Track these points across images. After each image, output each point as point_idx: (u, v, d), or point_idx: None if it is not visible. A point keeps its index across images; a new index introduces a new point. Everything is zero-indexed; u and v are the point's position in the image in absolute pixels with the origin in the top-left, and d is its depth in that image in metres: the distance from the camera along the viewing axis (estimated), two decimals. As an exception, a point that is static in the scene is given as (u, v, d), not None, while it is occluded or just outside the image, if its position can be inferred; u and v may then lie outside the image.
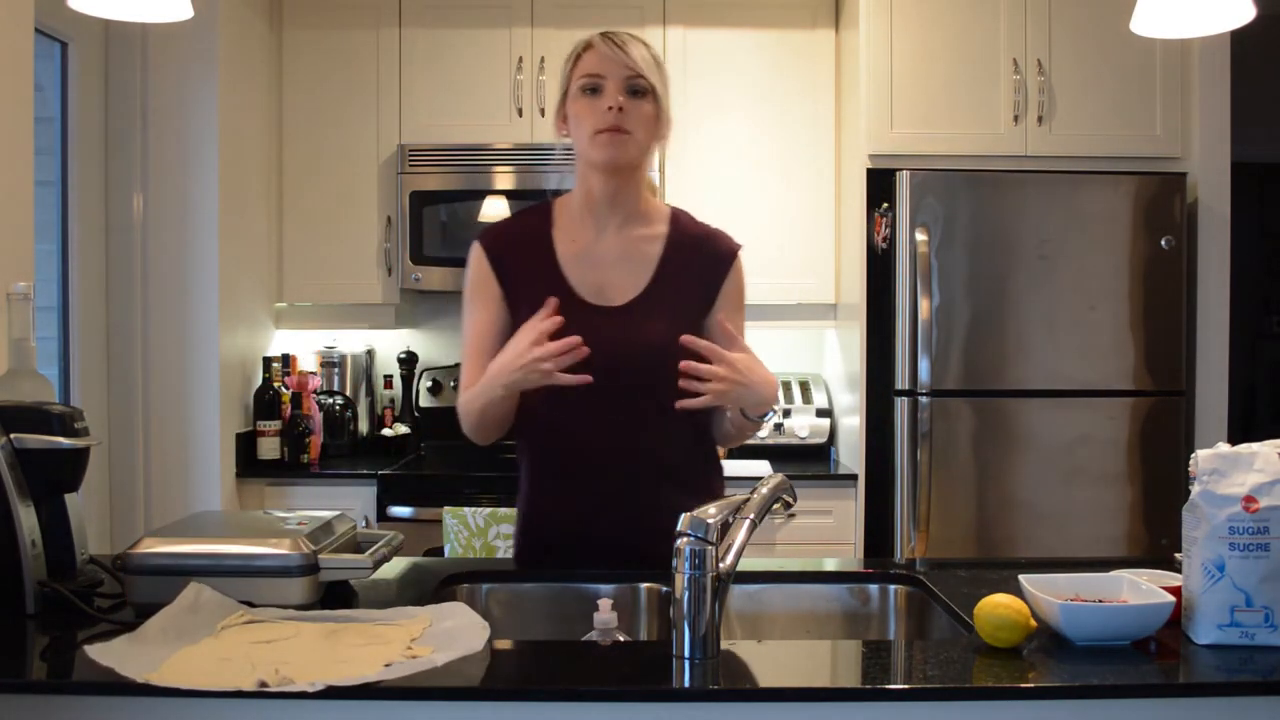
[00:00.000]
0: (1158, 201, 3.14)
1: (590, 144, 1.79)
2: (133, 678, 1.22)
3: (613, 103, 1.76)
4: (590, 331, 1.69)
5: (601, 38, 1.82)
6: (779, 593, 1.77)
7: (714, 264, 1.88)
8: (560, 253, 1.86)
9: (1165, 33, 1.89)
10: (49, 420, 1.58)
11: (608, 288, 1.84)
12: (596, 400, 1.72)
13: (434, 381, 3.75)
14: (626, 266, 1.85)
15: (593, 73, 1.80)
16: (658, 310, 1.83)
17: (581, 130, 1.80)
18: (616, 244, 1.86)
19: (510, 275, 1.86)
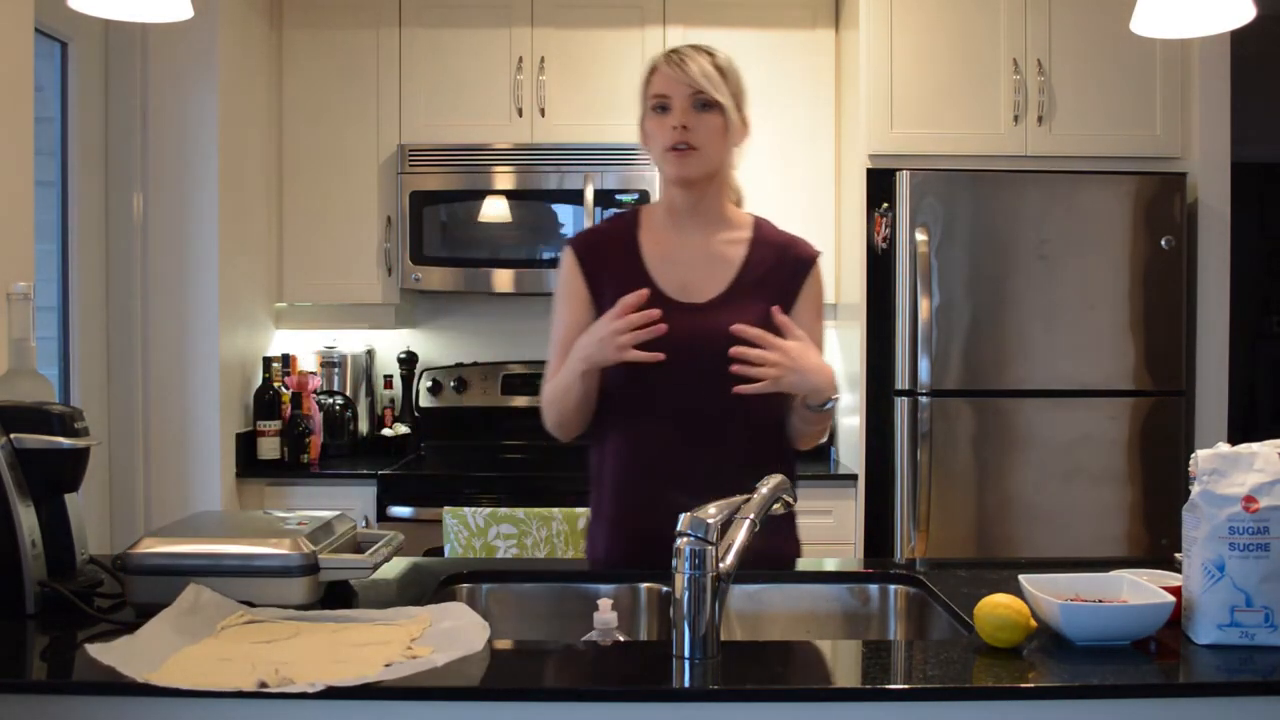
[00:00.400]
0: (1158, 201, 3.14)
1: (662, 160, 1.90)
2: (133, 678, 1.22)
3: (676, 121, 1.86)
4: (675, 325, 1.79)
5: (665, 58, 1.89)
6: (779, 593, 1.77)
7: (794, 268, 1.96)
8: (645, 253, 1.94)
9: (1165, 33, 1.89)
10: (49, 420, 1.58)
11: (691, 286, 1.91)
12: (680, 392, 1.83)
13: (434, 381, 3.75)
14: (710, 266, 1.93)
15: (660, 93, 1.88)
16: (740, 307, 1.89)
17: (654, 147, 1.91)
18: (700, 246, 1.94)
19: (597, 275, 1.94)
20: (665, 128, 1.87)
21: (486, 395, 3.76)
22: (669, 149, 1.87)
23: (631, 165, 3.47)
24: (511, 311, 3.89)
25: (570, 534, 2.87)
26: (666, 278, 1.91)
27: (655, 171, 3.44)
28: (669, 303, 1.86)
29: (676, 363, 1.78)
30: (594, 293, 1.93)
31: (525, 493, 3.22)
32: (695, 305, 1.89)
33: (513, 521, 2.88)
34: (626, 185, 3.46)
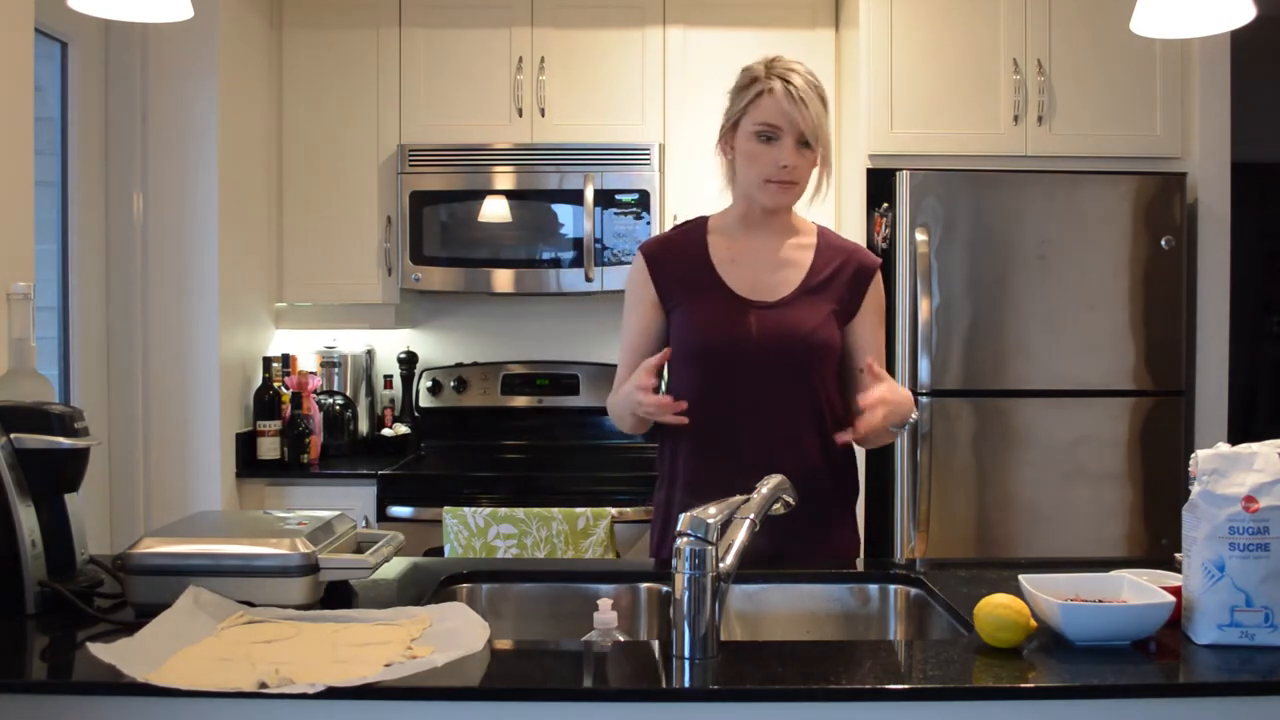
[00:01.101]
0: (1158, 201, 3.14)
1: (759, 189, 1.95)
2: (133, 677, 1.22)
3: (787, 161, 1.91)
4: (748, 323, 1.92)
5: (784, 87, 1.90)
6: (779, 593, 1.77)
7: (858, 274, 2.03)
8: (715, 258, 2.00)
9: (1165, 33, 1.89)
10: (49, 420, 1.58)
11: (762, 286, 1.98)
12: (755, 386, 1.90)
13: (434, 381, 3.75)
14: (779, 269, 2.00)
15: (770, 123, 1.91)
16: (810, 306, 1.97)
17: (752, 172, 1.94)
18: (770, 249, 2.02)
19: (667, 279, 2.00)
20: (770, 160, 1.91)
21: (486, 395, 3.76)
22: (770, 181, 1.92)
23: (631, 165, 3.47)
24: (511, 311, 3.89)
25: (570, 534, 2.88)
26: (737, 279, 1.98)
27: (655, 172, 3.46)
28: (742, 302, 1.96)
29: (752, 358, 1.91)
30: (662, 294, 2.00)
31: (525, 493, 3.22)
32: (768, 304, 1.96)
33: (513, 521, 2.88)
34: (626, 185, 3.46)
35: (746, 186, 1.97)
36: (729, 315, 1.94)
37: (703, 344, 1.94)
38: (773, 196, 1.94)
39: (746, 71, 1.95)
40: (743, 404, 1.92)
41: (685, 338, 1.96)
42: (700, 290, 1.97)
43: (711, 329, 1.94)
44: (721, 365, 1.92)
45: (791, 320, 1.94)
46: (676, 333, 1.98)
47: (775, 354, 1.92)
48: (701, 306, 1.96)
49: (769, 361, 1.92)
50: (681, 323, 1.98)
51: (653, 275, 2.01)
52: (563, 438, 3.75)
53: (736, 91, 1.96)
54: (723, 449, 1.93)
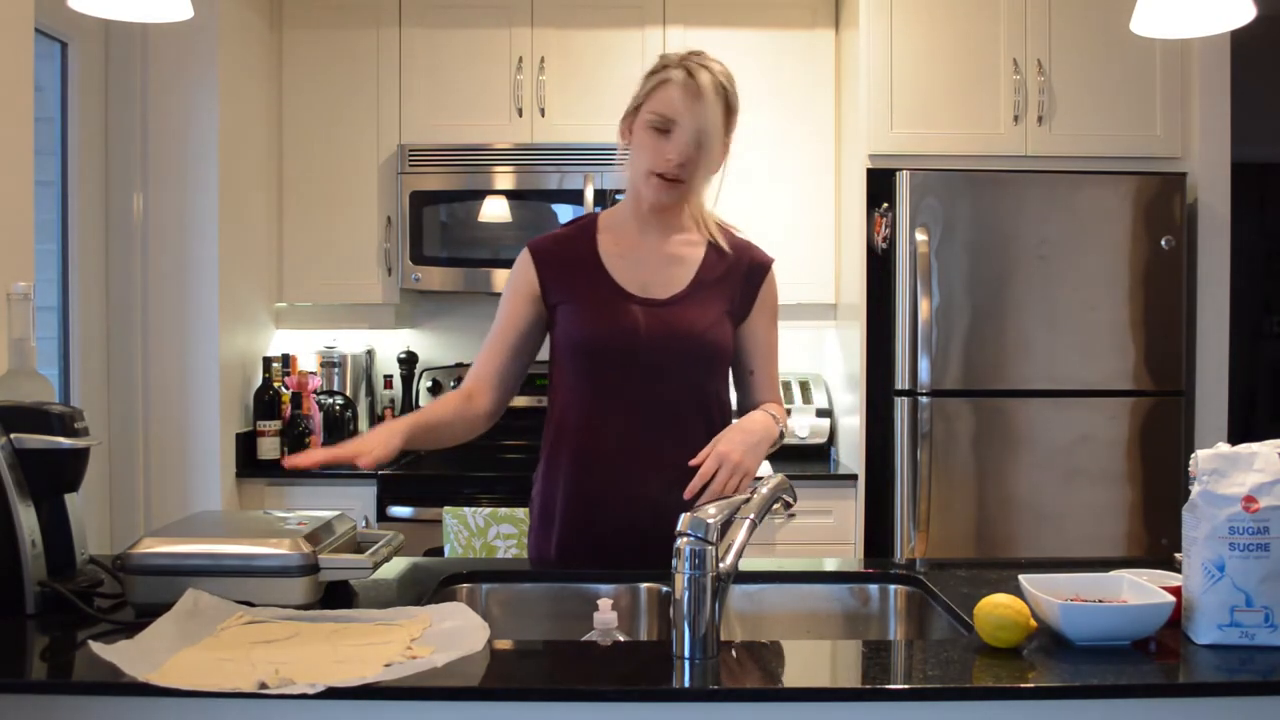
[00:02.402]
0: (1158, 201, 3.14)
1: (643, 182, 1.87)
2: (133, 677, 1.22)
3: (674, 155, 1.83)
4: (636, 321, 1.86)
5: (685, 79, 1.82)
6: (779, 593, 1.77)
7: (751, 272, 1.97)
8: (604, 253, 1.94)
9: (1165, 33, 1.90)
10: (49, 420, 1.58)
11: (651, 284, 1.92)
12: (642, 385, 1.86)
13: (434, 381, 3.75)
14: (669, 267, 1.94)
15: (665, 114, 1.82)
16: (699, 305, 1.91)
17: (639, 162, 1.87)
18: (660, 247, 1.95)
19: (553, 275, 1.95)
20: (658, 152, 1.83)
21: (486, 395, 3.75)
22: (656, 174, 1.84)
23: (631, 165, 3.46)
24: (511, 311, 3.88)
25: (570, 534, 2.87)
26: (627, 276, 1.92)
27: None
28: (630, 299, 1.90)
29: (640, 356, 1.85)
30: (546, 292, 1.94)
31: (525, 493, 3.20)
32: (657, 301, 1.90)
33: (513, 521, 2.88)
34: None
35: (634, 178, 1.90)
36: (616, 312, 1.87)
37: (589, 340, 1.88)
38: (654, 192, 1.86)
39: (661, 58, 1.89)
40: (629, 402, 1.87)
41: (571, 334, 1.91)
42: (587, 286, 1.90)
43: (598, 325, 1.88)
44: (608, 363, 1.87)
45: (682, 319, 1.88)
46: (562, 329, 1.92)
47: (665, 353, 1.86)
48: (588, 303, 1.90)
49: (657, 361, 1.86)
50: (567, 319, 1.91)
51: (538, 270, 1.95)
52: (563, 438, 3.75)
53: (645, 76, 1.88)
54: (608, 448, 1.88)
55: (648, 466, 1.85)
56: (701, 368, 1.90)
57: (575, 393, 1.91)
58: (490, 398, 1.96)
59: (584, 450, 1.90)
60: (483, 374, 1.96)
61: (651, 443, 1.87)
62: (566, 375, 1.93)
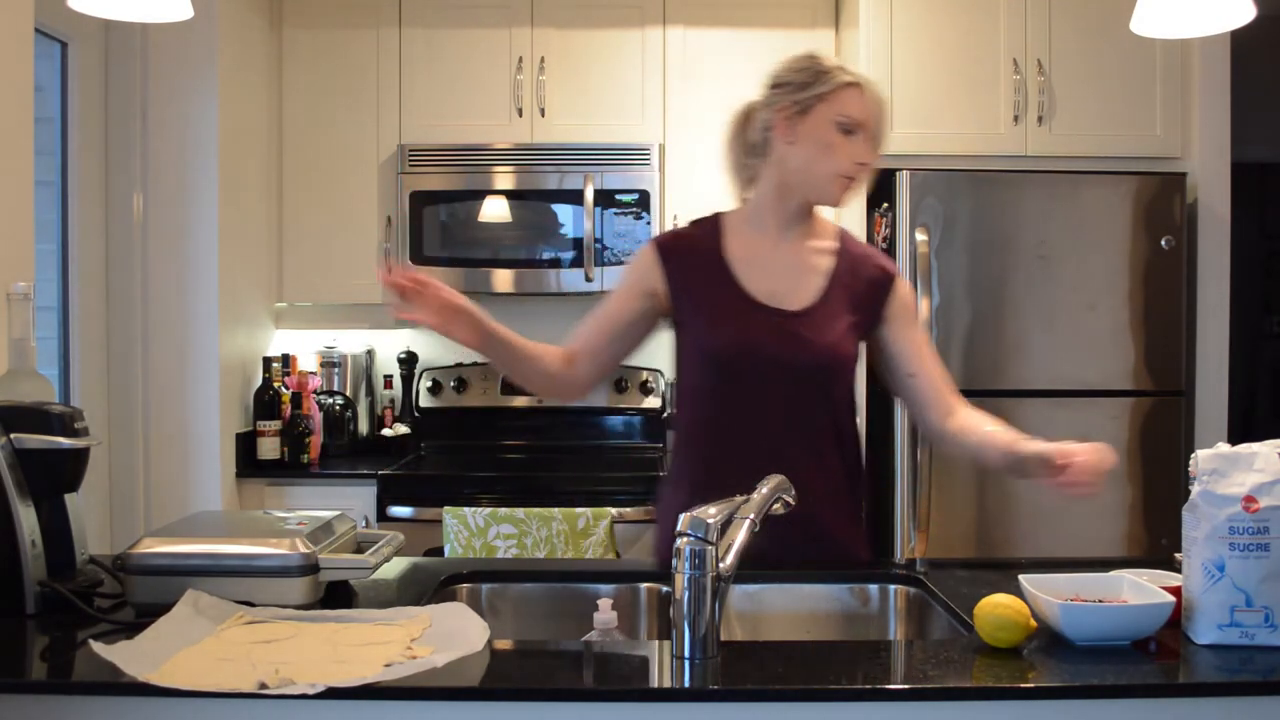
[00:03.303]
0: (1158, 201, 3.14)
1: (828, 182, 1.85)
2: (133, 677, 1.22)
3: (865, 158, 1.85)
4: (767, 331, 1.84)
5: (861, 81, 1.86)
6: (779, 593, 1.77)
7: (878, 284, 1.95)
8: (731, 259, 1.91)
9: (1165, 33, 1.90)
10: (49, 420, 1.58)
11: (780, 293, 1.89)
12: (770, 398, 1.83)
13: (434, 381, 3.75)
14: (799, 275, 1.91)
15: (855, 117, 1.84)
16: (829, 318, 1.88)
17: (825, 163, 1.84)
18: (790, 253, 1.92)
19: (681, 277, 1.90)
20: (848, 154, 1.83)
21: (486, 395, 3.76)
22: (844, 175, 1.84)
23: (631, 165, 3.47)
24: (511, 311, 3.87)
25: (570, 534, 2.88)
26: (756, 284, 1.88)
27: (655, 172, 3.46)
28: (760, 308, 1.87)
29: (769, 369, 1.83)
30: (672, 289, 1.90)
31: (525, 493, 3.22)
32: (786, 312, 1.87)
33: (513, 521, 2.88)
34: (626, 185, 3.46)
35: (810, 178, 1.86)
36: (745, 323, 1.85)
37: (716, 352, 1.86)
38: (840, 193, 1.86)
39: (812, 60, 1.86)
40: (756, 413, 1.85)
41: (698, 343, 1.89)
42: (715, 293, 1.88)
43: (726, 337, 1.85)
44: (736, 375, 1.84)
45: (811, 332, 1.86)
46: (689, 336, 1.90)
47: (793, 366, 1.84)
48: (716, 312, 1.87)
49: (785, 374, 1.84)
50: (693, 327, 1.89)
51: (665, 269, 1.90)
52: (563, 438, 3.75)
53: (807, 77, 1.84)
54: (735, 455, 1.85)
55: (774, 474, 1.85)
56: (830, 380, 1.88)
57: (702, 403, 1.88)
58: (585, 369, 1.93)
59: (713, 460, 1.87)
60: (583, 345, 1.92)
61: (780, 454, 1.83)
62: (693, 383, 1.91)
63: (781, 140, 1.87)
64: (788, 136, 1.86)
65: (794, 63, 1.88)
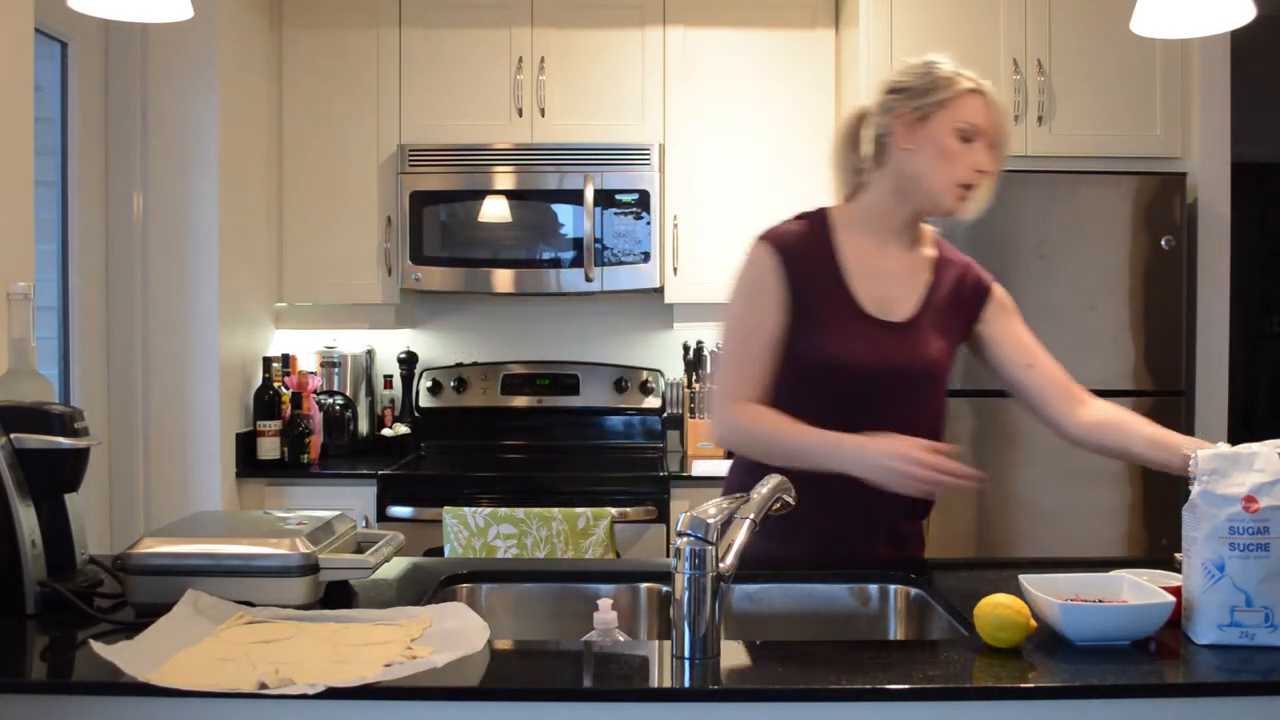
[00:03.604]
0: (1158, 201, 3.14)
1: (945, 191, 1.82)
2: (133, 677, 1.22)
3: (986, 165, 1.81)
4: (874, 345, 1.81)
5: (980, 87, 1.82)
6: (779, 593, 1.77)
7: (974, 295, 1.94)
8: (843, 263, 1.86)
9: (1165, 33, 1.90)
10: (49, 420, 1.58)
11: (887, 303, 1.85)
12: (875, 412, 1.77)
13: (434, 381, 3.75)
14: (904, 283, 1.88)
15: (976, 124, 1.80)
16: (931, 329, 1.87)
17: (944, 172, 1.80)
18: (898, 260, 1.89)
19: (798, 280, 1.83)
20: (968, 162, 1.80)
21: (486, 395, 3.76)
22: (962, 184, 1.81)
23: (631, 165, 3.47)
24: (511, 311, 3.89)
25: (570, 534, 2.88)
26: (865, 291, 1.84)
27: (655, 172, 3.46)
28: (869, 320, 1.83)
29: (876, 381, 1.81)
30: (794, 294, 1.82)
31: (525, 493, 3.22)
32: (892, 324, 1.84)
33: (513, 521, 2.88)
34: (626, 185, 3.46)
35: (927, 185, 1.81)
36: (856, 334, 1.81)
37: (823, 360, 1.80)
38: (956, 202, 1.82)
39: (932, 66, 1.81)
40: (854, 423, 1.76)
41: (805, 348, 1.81)
42: (827, 299, 1.81)
43: (835, 346, 1.80)
44: (844, 387, 1.80)
45: (915, 344, 1.83)
46: (801, 343, 1.82)
47: (895, 379, 1.82)
48: (828, 320, 1.81)
49: (886, 386, 1.81)
50: (804, 334, 1.82)
51: (788, 274, 1.81)
52: (563, 438, 3.75)
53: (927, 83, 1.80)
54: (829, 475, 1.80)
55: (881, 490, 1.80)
56: (930, 391, 1.88)
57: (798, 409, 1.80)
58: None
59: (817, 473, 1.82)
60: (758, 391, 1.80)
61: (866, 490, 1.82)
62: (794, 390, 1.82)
63: (899, 146, 1.82)
64: (906, 143, 1.82)
65: (913, 68, 1.84)
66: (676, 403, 3.75)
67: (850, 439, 1.69)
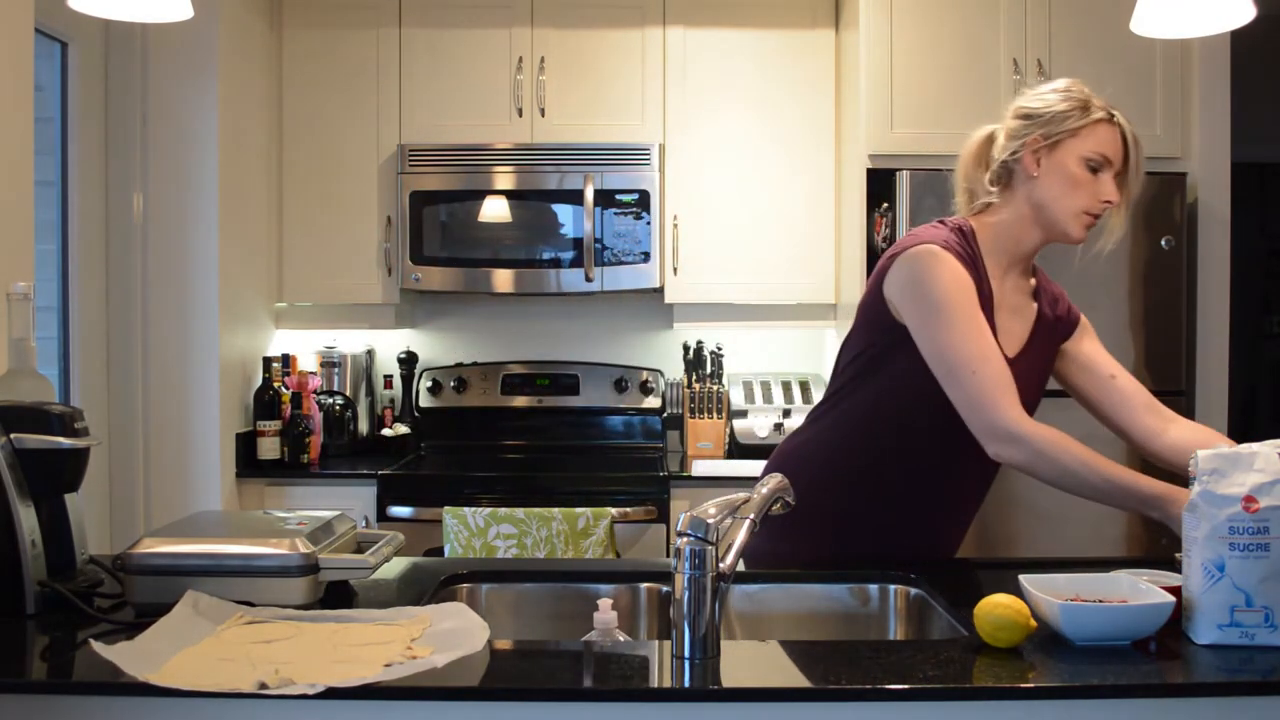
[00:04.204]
0: (1158, 201, 3.14)
1: (1072, 219, 1.80)
2: (133, 677, 1.22)
3: (1112, 196, 1.79)
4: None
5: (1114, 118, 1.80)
6: (779, 593, 1.77)
7: (1067, 326, 1.94)
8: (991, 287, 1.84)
9: (1165, 33, 1.90)
10: (49, 420, 1.58)
11: (1006, 334, 1.84)
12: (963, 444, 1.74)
13: (434, 381, 3.75)
14: (1016, 317, 1.88)
15: (1105, 155, 1.78)
16: (1031, 364, 1.87)
17: (1071, 199, 1.79)
18: (1014, 289, 1.89)
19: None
20: (1093, 191, 1.78)
21: (486, 395, 3.76)
22: (1087, 213, 1.79)
23: (631, 165, 3.47)
24: (511, 311, 3.89)
25: (570, 534, 2.88)
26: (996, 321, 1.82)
27: (655, 172, 3.46)
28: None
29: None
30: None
31: (525, 493, 3.22)
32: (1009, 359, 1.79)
33: (513, 521, 2.88)
34: (626, 185, 3.46)
35: (1054, 213, 1.80)
36: None
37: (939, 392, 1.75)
38: (1081, 230, 1.80)
39: (1069, 93, 1.80)
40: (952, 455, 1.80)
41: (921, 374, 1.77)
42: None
43: None
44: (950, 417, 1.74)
45: (1022, 380, 1.77)
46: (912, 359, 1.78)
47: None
48: None
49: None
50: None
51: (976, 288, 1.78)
52: (563, 438, 3.76)
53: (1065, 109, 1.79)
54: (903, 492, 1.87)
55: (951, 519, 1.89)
56: None
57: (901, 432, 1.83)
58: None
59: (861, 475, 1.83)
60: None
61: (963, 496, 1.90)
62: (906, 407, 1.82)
63: (1028, 174, 1.82)
64: (1034, 170, 1.81)
65: (1046, 94, 1.82)
66: (676, 403, 3.75)
67: (1162, 488, 1.61)
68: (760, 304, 3.57)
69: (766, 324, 3.61)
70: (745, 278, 3.54)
